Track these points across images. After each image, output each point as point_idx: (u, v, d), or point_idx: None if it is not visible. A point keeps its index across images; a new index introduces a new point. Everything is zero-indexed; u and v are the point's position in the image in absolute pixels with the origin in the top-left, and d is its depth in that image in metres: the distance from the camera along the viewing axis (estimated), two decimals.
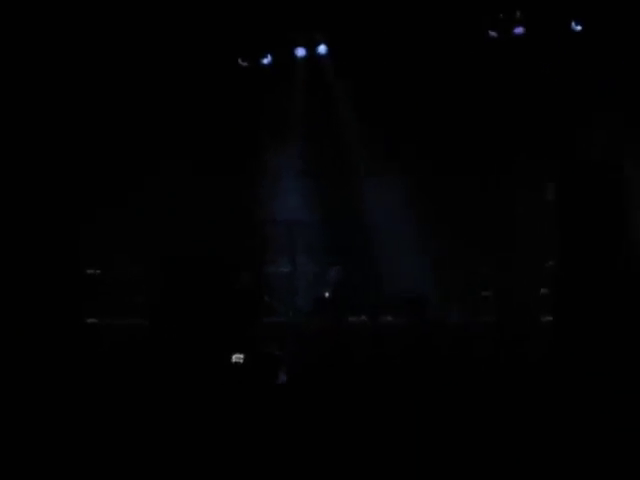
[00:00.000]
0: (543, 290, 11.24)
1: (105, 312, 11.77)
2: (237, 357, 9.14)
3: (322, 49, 12.76)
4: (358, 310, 11.87)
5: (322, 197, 12.54)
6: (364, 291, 12.08)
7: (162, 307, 10.95)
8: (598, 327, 9.33)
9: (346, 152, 12.73)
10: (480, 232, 11.98)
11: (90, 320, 11.63)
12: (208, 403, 8.03)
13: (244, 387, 8.79)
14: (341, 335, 11.42)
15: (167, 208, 12.36)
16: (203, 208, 12.48)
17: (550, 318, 10.41)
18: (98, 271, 12.39)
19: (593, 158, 11.03)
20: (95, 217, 12.34)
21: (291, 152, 12.59)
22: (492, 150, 12.07)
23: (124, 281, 12.33)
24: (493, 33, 12.01)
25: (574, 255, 9.53)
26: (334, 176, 12.69)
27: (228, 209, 12.53)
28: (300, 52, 12.83)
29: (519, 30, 11.96)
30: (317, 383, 9.51)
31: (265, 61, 12.87)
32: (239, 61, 12.83)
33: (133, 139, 12.54)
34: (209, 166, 12.61)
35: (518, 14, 11.90)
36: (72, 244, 12.05)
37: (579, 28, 11.73)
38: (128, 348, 10.76)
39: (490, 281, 11.99)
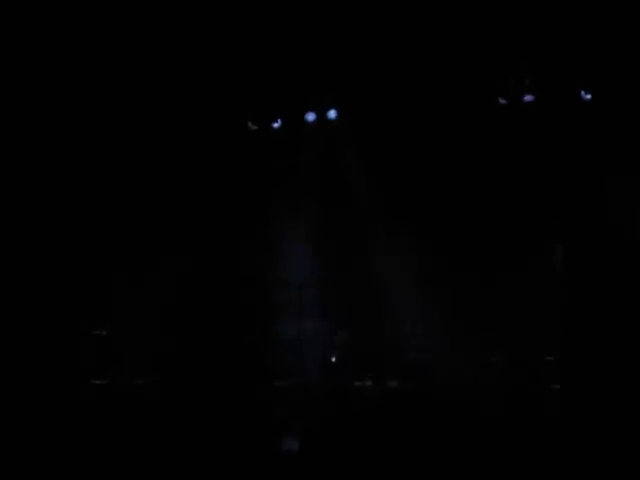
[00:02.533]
0: (549, 357, 11.19)
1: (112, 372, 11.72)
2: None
3: (332, 114, 12.84)
4: (364, 374, 11.80)
5: (330, 261, 12.53)
6: (371, 355, 12.02)
7: (174, 362, 10.93)
8: (606, 392, 9.26)
9: (356, 217, 12.73)
10: (489, 297, 11.94)
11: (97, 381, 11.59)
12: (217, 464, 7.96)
13: (254, 452, 8.71)
14: (347, 399, 11.33)
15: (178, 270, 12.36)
16: (213, 271, 12.48)
17: (557, 386, 10.37)
18: (104, 332, 12.35)
19: (605, 222, 11.01)
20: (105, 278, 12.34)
21: (300, 216, 12.61)
22: (501, 214, 12.09)
23: (132, 341, 12.27)
24: (503, 101, 12.09)
25: (581, 320, 9.48)
26: (343, 241, 12.69)
27: (238, 273, 12.53)
28: (310, 117, 12.90)
29: (529, 98, 12.04)
30: (325, 449, 9.42)
31: (275, 125, 12.94)
32: (249, 125, 12.90)
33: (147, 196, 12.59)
34: (219, 230, 12.63)
35: (527, 82, 11.99)
36: (78, 306, 12.04)
37: (589, 97, 11.80)
38: (136, 406, 10.70)
39: (498, 346, 11.90)
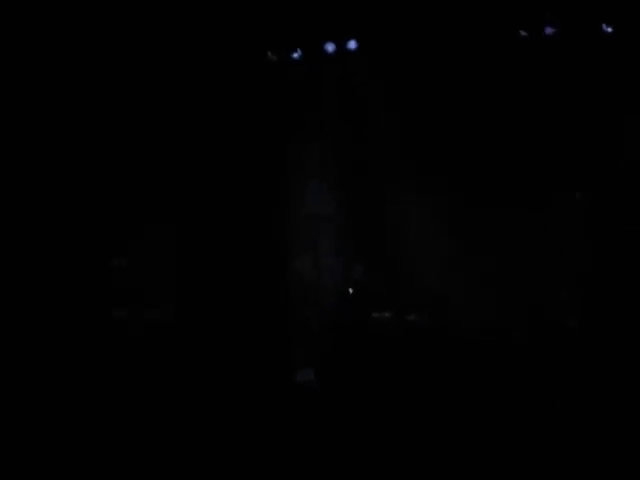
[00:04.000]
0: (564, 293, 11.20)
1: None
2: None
3: (352, 45, 12.73)
4: (381, 307, 11.89)
5: (349, 195, 12.52)
6: (387, 289, 12.10)
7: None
8: (625, 334, 9.32)
9: (373, 153, 12.67)
10: (508, 239, 11.84)
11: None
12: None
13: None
14: (365, 330, 11.46)
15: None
16: (227, 201, 12.49)
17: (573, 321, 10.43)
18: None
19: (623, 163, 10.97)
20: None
21: (319, 149, 12.58)
22: (521, 152, 12.02)
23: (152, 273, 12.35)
24: (524, 33, 11.97)
25: (605, 259, 9.50)
26: (360, 177, 12.64)
27: (254, 204, 12.52)
28: (330, 47, 12.80)
29: (549, 31, 11.92)
30: (342, 380, 9.55)
31: (294, 55, 12.86)
32: (269, 54, 12.83)
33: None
34: (234, 160, 12.62)
35: (548, 15, 11.86)
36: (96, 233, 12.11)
37: (610, 30, 11.69)
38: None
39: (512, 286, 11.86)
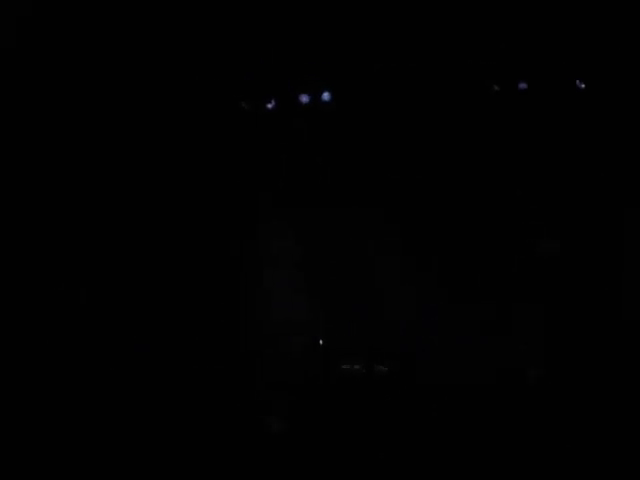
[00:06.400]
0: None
1: None
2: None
3: (326, 96, 12.78)
4: (352, 359, 11.80)
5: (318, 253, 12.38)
6: (358, 340, 12.01)
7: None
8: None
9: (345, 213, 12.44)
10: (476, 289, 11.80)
11: None
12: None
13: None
14: (336, 382, 11.35)
15: None
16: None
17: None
18: None
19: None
20: None
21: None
22: (492, 204, 12.04)
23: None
24: (497, 87, 12.04)
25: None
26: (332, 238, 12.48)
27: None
28: (304, 98, 12.84)
29: (523, 86, 12.00)
30: (312, 431, 9.44)
31: (269, 106, 12.88)
32: (242, 105, 12.83)
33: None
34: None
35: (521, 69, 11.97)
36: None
37: (583, 87, 11.78)
38: None
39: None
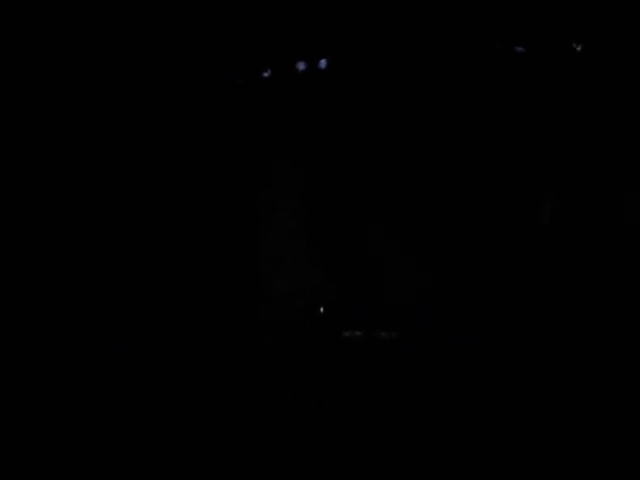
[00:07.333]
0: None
1: None
2: None
3: (323, 63, 12.76)
4: (353, 325, 11.79)
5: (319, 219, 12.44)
6: (358, 306, 12.01)
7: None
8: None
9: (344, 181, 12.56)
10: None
11: None
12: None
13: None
14: (337, 349, 11.35)
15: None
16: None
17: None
18: None
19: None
20: None
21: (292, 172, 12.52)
22: (489, 163, 12.05)
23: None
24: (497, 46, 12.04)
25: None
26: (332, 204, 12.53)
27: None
28: (301, 66, 12.82)
29: (520, 49, 11.99)
30: (315, 400, 9.47)
31: (265, 75, 12.87)
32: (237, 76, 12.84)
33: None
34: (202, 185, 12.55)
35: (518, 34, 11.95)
36: None
37: (579, 49, 11.76)
38: None
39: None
